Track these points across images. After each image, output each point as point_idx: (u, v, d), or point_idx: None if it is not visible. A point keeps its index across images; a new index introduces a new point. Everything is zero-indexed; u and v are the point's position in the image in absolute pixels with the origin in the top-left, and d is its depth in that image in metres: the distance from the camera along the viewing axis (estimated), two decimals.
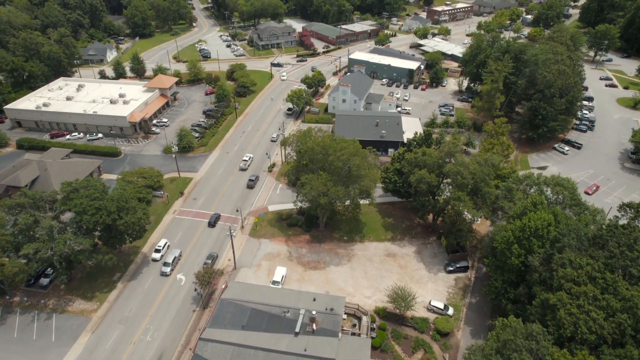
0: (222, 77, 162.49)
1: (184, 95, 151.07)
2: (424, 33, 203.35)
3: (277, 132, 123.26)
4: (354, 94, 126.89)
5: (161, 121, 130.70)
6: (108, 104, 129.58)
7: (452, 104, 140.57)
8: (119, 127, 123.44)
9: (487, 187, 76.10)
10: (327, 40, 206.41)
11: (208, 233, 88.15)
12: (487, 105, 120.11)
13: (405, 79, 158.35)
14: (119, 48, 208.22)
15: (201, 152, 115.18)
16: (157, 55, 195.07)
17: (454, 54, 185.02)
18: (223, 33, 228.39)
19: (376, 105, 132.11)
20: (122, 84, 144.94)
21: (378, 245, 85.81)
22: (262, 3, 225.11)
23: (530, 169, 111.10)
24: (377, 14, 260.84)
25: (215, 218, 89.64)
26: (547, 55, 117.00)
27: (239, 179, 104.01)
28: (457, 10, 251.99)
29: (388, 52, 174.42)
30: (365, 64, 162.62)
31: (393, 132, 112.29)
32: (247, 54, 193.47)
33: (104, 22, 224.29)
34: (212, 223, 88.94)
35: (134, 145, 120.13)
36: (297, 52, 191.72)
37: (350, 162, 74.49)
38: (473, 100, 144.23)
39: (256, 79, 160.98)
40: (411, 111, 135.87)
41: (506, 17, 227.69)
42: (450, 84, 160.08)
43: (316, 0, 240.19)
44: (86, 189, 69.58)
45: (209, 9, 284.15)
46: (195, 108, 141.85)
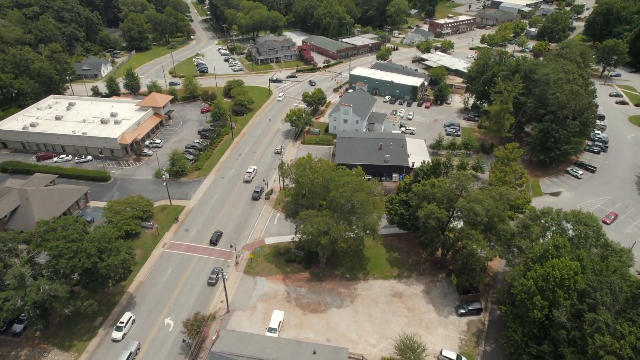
0: (219, 94, 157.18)
1: (179, 114, 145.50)
2: (426, 47, 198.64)
3: (275, 149, 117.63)
4: (355, 114, 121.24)
5: (154, 142, 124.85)
6: (99, 124, 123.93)
7: (458, 124, 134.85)
8: (109, 149, 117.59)
9: (502, 224, 69.91)
10: (328, 54, 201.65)
11: (200, 269, 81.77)
12: (496, 126, 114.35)
13: (409, 96, 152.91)
14: (115, 62, 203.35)
15: (195, 177, 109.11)
16: (153, 69, 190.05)
17: (458, 68, 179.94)
18: (221, 46, 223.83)
19: (379, 126, 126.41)
20: (115, 102, 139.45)
21: (383, 284, 79.34)
22: (261, 16, 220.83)
23: (543, 195, 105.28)
24: (379, 26, 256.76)
25: (217, 236, 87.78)
26: (559, 75, 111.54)
27: (237, 201, 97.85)
28: (459, 23, 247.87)
29: (390, 67, 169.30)
30: (367, 81, 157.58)
31: (398, 156, 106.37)
32: (246, 69, 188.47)
33: (100, 36, 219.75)
34: (214, 241, 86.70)
35: (124, 168, 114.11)
36: (296, 66, 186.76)
37: (354, 198, 68.35)
38: (480, 119, 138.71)
39: (254, 96, 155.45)
40: (415, 131, 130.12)
41: (510, 30, 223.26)
42: (455, 101, 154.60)
43: (316, 13, 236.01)
44: (63, 229, 63.28)
45: (207, 21, 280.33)
46: (190, 127, 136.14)
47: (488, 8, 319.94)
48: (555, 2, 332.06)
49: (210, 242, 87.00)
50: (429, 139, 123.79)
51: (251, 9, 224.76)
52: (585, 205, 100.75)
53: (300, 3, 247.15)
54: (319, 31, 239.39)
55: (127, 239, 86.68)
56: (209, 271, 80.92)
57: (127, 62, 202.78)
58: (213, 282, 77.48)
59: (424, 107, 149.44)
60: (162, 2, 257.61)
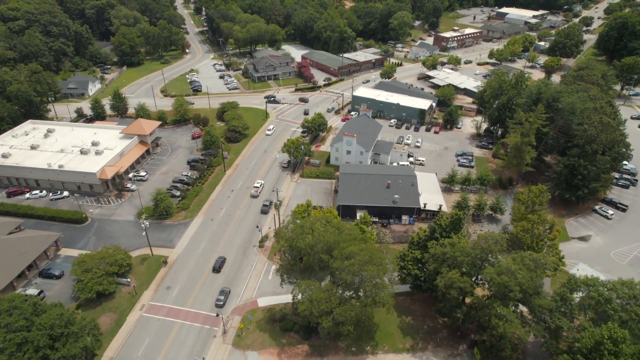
0: (212, 117, 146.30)
1: (168, 139, 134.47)
2: (432, 63, 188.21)
3: (268, 186, 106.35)
4: (360, 144, 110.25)
5: (138, 175, 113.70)
6: (78, 154, 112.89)
7: (471, 153, 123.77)
8: (88, 185, 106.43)
9: (539, 299, 58.56)
10: (329, 71, 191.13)
11: (183, 338, 70.27)
12: (515, 160, 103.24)
13: (416, 119, 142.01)
14: (104, 78, 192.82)
15: (181, 218, 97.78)
16: (143, 88, 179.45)
17: (467, 87, 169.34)
18: (217, 62, 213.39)
19: (385, 156, 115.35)
20: (97, 127, 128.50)
21: (395, 359, 67.83)
22: (258, 30, 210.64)
23: (570, 239, 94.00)
24: (381, 39, 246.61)
25: (220, 262, 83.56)
26: (586, 104, 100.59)
27: (228, 249, 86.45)
28: (465, 37, 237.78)
29: (395, 86, 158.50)
30: (371, 103, 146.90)
31: (408, 196, 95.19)
32: (242, 87, 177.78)
33: (90, 50, 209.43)
34: (217, 268, 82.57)
35: (104, 206, 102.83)
36: (295, 85, 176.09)
37: (363, 272, 57.00)
38: (494, 146, 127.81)
39: (250, 119, 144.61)
40: (425, 162, 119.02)
41: (519, 44, 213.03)
42: (466, 125, 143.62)
43: (316, 26, 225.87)
44: (7, 314, 51.88)
45: (204, 33, 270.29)
46: (180, 156, 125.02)
47: (493, 19, 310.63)
48: (561, 14, 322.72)
49: (213, 270, 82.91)
50: (440, 171, 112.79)
51: (248, 22, 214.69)
52: (620, 253, 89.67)
53: (299, 16, 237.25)
54: (319, 45, 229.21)
55: (99, 301, 75.70)
56: (192, 342, 69.43)
57: (117, 79, 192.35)
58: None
59: (432, 132, 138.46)
60: (156, 14, 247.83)
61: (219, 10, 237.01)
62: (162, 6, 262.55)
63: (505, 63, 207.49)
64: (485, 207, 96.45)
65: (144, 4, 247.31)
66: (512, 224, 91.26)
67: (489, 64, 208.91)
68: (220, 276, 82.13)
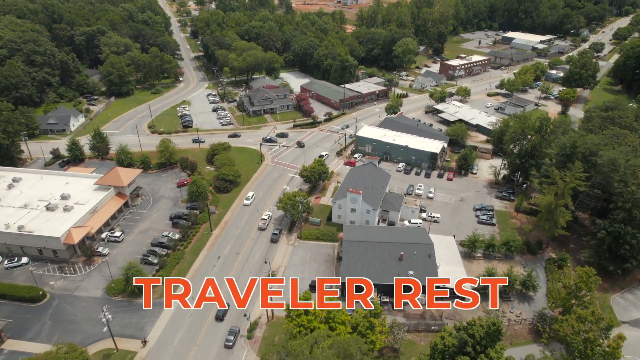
0: (201, 160, 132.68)
1: (150, 187, 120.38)
2: (441, 96, 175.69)
3: (265, 260, 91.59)
4: (366, 202, 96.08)
5: (112, 235, 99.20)
6: (44, 210, 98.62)
7: (491, 207, 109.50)
8: (51, 249, 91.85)
9: None
10: (330, 103, 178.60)
11: None
12: (547, 224, 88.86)
13: (427, 163, 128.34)
14: (90, 110, 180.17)
15: (157, 296, 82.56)
16: (130, 122, 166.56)
17: (480, 124, 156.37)
18: (211, 91, 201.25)
19: (395, 214, 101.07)
20: (70, 176, 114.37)
21: None
22: (255, 59, 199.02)
23: (620, 324, 78.81)
24: (384, 67, 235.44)
25: (223, 313, 78.19)
26: (630, 160, 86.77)
27: (209, 344, 71.07)
28: (473, 64, 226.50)
29: (402, 123, 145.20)
30: (377, 144, 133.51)
31: (424, 270, 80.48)
32: (236, 122, 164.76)
33: (76, 80, 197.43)
34: (220, 317, 77.56)
35: (68, 277, 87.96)
36: (294, 120, 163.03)
37: None
38: (516, 197, 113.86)
39: (243, 162, 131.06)
40: (440, 218, 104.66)
41: (530, 74, 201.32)
42: (482, 169, 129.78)
43: (316, 53, 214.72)
44: None
45: (199, 59, 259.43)
46: (162, 209, 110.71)
47: (499, 44, 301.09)
48: (569, 39, 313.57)
49: (216, 318, 77.59)
50: (458, 231, 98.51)
51: (245, 50, 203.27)
52: None
53: (299, 42, 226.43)
54: (320, 73, 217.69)
55: None
56: None
57: (104, 112, 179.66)
58: None
59: (445, 178, 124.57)
60: (149, 40, 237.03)
61: (215, 37, 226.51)
62: (157, 32, 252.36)
63: (516, 93, 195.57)
64: (515, 282, 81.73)
65: (136, 30, 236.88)
66: (550, 307, 76.69)
67: (500, 94, 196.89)
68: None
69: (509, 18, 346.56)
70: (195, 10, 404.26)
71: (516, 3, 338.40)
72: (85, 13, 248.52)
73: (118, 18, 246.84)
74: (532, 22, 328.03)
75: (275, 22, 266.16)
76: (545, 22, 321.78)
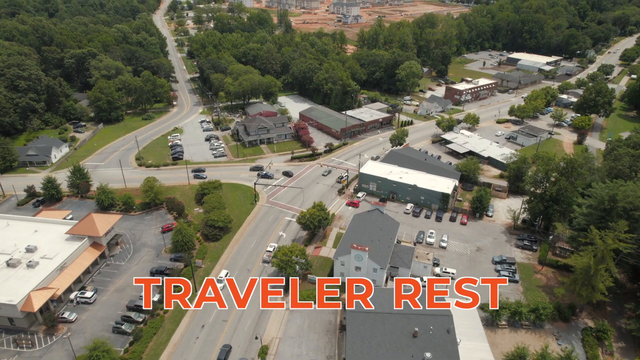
0: (190, 200, 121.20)
1: (132, 232, 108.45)
2: (449, 125, 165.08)
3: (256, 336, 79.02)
4: (373, 259, 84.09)
5: (83, 295, 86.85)
6: (4, 267, 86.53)
7: (512, 259, 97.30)
8: (7, 318, 79.38)
9: None
10: (330, 132, 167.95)
11: None
12: (584, 291, 76.63)
13: (437, 205, 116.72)
14: (76, 139, 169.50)
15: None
16: (117, 153, 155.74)
17: (492, 156, 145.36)
18: (205, 117, 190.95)
19: (405, 271, 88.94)
20: (40, 222, 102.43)
21: None
22: (251, 84, 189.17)
23: None
24: (387, 91, 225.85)
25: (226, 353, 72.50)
26: None
27: None
28: (480, 88, 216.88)
29: (408, 157, 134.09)
30: (382, 182, 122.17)
31: (442, 350, 67.94)
32: (229, 154, 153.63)
33: (63, 106, 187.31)
34: None
35: (23, 353, 75.33)
36: (292, 152, 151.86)
37: None
38: (538, 246, 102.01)
39: (235, 202, 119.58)
40: (455, 274, 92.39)
41: (541, 100, 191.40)
42: (497, 210, 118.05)
43: (316, 77, 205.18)
44: None
45: (195, 81, 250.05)
46: (144, 260, 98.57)
47: (504, 65, 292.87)
48: (575, 60, 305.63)
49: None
50: (476, 288, 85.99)
51: (241, 74, 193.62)
52: None
53: (298, 66, 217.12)
54: (320, 97, 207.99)
55: None
56: None
57: (89, 140, 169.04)
58: None
59: (458, 222, 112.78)
60: (142, 62, 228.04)
61: (210, 60, 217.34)
62: (151, 53, 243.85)
63: (527, 120, 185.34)
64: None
65: (130, 52, 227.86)
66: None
67: (510, 121, 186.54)
68: None
69: (512, 38, 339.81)
70: (194, 29, 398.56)
71: (520, 23, 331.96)
72: (77, 35, 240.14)
73: (111, 39, 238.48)
74: (537, 42, 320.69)
75: (273, 43, 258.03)
76: (550, 43, 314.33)
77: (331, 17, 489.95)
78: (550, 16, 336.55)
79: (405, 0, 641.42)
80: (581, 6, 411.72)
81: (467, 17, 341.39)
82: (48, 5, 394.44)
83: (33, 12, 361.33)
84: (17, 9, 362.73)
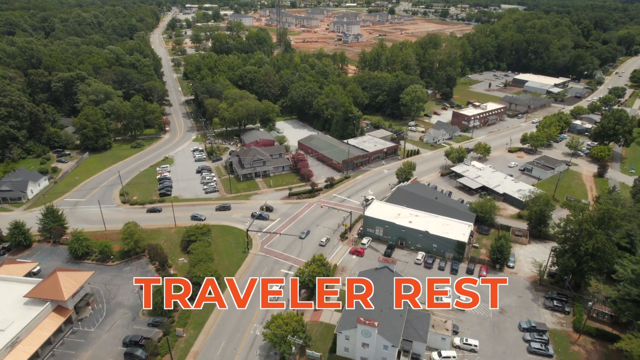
0: (175, 247, 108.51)
1: (107, 288, 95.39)
2: (458, 156, 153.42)
3: None
4: (383, 335, 71.00)
5: None
6: None
7: (542, 325, 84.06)
8: None
9: None
10: (331, 164, 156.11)
11: None
12: None
13: (452, 254, 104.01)
14: (58, 170, 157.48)
15: None
16: (104, 184, 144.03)
17: (507, 192, 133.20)
18: (198, 145, 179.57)
19: (420, 345, 75.72)
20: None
21: None
22: (247, 110, 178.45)
23: None
24: (390, 115, 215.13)
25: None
26: None
27: None
28: (488, 114, 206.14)
29: (417, 195, 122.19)
30: (390, 227, 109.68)
31: None
32: (222, 189, 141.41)
33: (47, 133, 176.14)
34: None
35: None
36: (290, 188, 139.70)
37: None
38: (571, 307, 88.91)
39: (225, 251, 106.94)
40: (478, 348, 79.09)
41: (555, 127, 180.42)
42: (519, 260, 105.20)
43: (316, 102, 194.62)
44: None
45: (190, 103, 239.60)
46: (117, 326, 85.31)
47: (510, 86, 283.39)
48: (583, 81, 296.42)
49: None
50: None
51: (236, 100, 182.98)
52: None
53: (297, 90, 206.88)
54: (320, 123, 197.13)
55: None
56: None
57: (73, 171, 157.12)
58: None
59: (476, 274, 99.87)
60: (134, 85, 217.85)
61: (204, 84, 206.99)
62: (144, 75, 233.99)
63: (541, 149, 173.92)
64: None
65: (121, 74, 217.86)
66: None
67: (523, 150, 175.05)
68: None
69: (517, 58, 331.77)
70: (192, 48, 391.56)
71: (525, 43, 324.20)
72: (67, 57, 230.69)
73: (103, 61, 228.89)
74: (543, 62, 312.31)
75: (272, 64, 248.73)
76: (557, 63, 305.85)
77: (331, 35, 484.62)
78: (555, 36, 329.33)
79: (406, 19, 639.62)
80: (585, 25, 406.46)
81: (470, 37, 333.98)
82: (45, 25, 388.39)
83: (30, 31, 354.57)
84: (14, 27, 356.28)
